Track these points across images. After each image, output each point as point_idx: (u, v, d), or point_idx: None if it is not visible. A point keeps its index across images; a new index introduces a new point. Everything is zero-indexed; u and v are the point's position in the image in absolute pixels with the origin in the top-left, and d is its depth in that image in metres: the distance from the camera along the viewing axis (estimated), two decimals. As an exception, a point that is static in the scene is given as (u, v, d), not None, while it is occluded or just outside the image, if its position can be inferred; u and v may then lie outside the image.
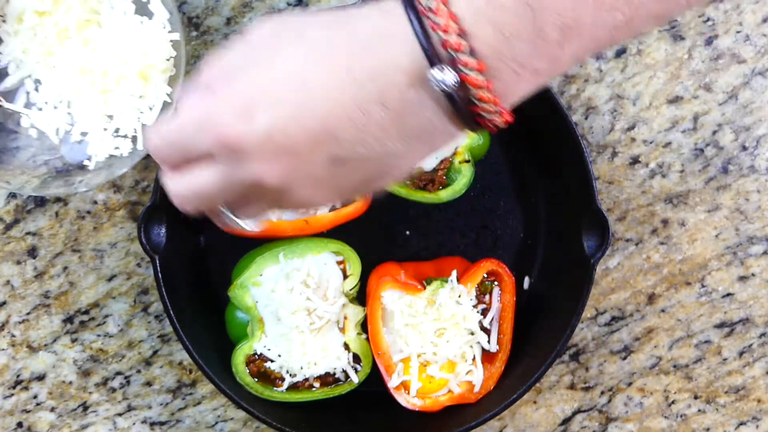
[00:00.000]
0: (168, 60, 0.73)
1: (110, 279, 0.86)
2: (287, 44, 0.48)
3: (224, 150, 0.48)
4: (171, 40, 0.73)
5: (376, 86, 0.46)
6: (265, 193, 0.50)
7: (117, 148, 0.71)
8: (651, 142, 0.86)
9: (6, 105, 0.70)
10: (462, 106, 0.46)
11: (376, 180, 0.51)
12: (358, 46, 0.47)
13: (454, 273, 0.80)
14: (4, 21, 0.71)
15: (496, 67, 0.46)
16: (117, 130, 0.72)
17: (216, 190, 0.51)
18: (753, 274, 0.87)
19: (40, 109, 0.71)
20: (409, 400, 0.80)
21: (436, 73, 0.45)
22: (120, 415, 0.87)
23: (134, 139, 0.72)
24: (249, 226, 0.57)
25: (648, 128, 0.86)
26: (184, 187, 0.53)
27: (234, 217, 0.55)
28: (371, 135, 0.47)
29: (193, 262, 0.84)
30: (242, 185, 0.50)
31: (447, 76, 0.45)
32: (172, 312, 0.77)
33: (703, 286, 0.87)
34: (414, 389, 0.79)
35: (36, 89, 0.73)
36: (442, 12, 0.45)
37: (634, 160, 0.86)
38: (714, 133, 0.86)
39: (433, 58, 0.45)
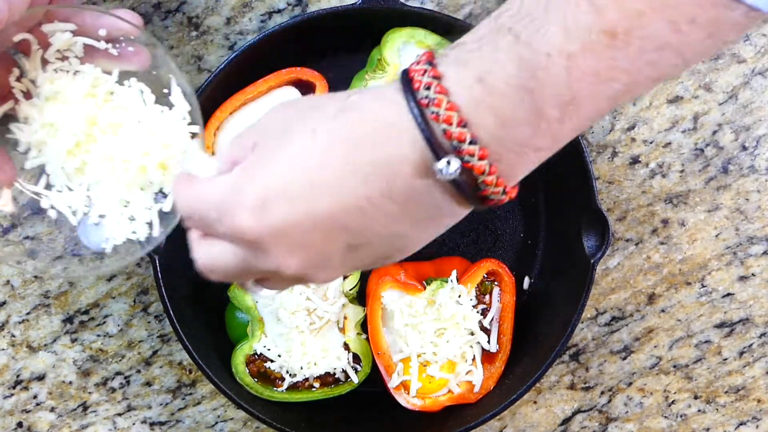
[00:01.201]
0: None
1: (110, 279, 0.86)
2: (297, 138, 0.49)
3: (241, 242, 0.50)
4: (190, 132, 0.73)
5: (382, 179, 0.47)
6: (285, 278, 0.52)
7: (134, 232, 0.72)
8: (651, 142, 0.86)
9: (27, 188, 0.71)
10: (469, 191, 0.47)
11: (388, 258, 0.53)
12: (361, 138, 0.47)
13: (454, 273, 0.80)
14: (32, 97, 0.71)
15: (499, 152, 0.46)
16: (132, 217, 0.72)
17: (235, 270, 0.53)
18: (753, 274, 0.87)
19: (60, 191, 0.72)
20: (409, 400, 0.80)
21: (441, 164, 0.45)
22: (120, 415, 0.87)
23: (150, 225, 0.73)
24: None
25: (648, 128, 0.86)
26: (206, 256, 0.54)
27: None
28: (380, 223, 0.48)
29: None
30: (260, 271, 0.52)
31: (452, 166, 0.45)
32: (172, 312, 0.77)
33: (703, 286, 0.87)
34: (414, 389, 0.79)
35: (56, 174, 0.73)
36: (442, 103, 0.45)
37: (634, 160, 0.86)
38: (714, 133, 0.86)
39: (437, 149, 0.45)
